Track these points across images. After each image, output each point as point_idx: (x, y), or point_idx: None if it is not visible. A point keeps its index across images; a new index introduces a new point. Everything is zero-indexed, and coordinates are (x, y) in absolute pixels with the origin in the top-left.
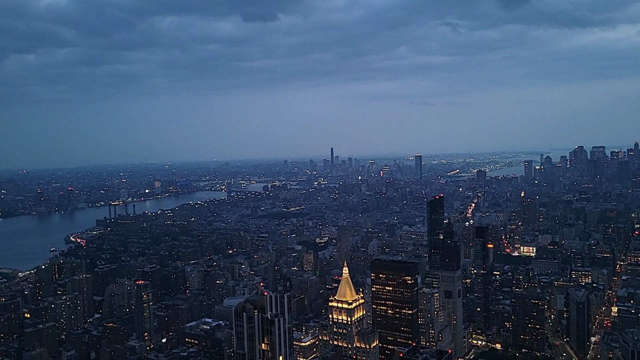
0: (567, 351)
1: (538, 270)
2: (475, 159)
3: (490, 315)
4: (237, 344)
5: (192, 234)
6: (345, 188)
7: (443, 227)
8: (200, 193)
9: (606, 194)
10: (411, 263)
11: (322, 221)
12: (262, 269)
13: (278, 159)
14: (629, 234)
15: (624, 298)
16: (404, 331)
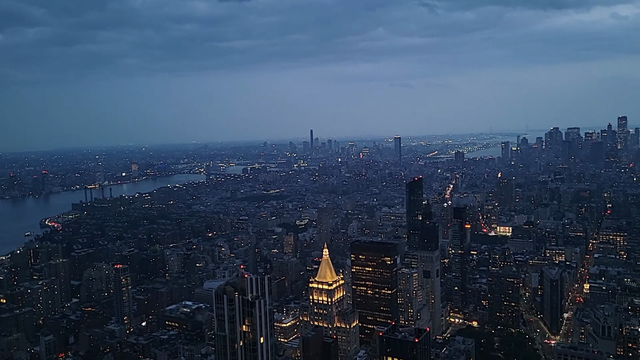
0: (541, 327)
1: (514, 249)
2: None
3: (468, 293)
4: (217, 326)
5: (171, 217)
6: (325, 170)
7: (422, 208)
8: (178, 176)
9: (580, 175)
10: (390, 244)
11: (302, 203)
12: (242, 252)
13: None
14: (602, 213)
15: (595, 275)
16: (383, 311)
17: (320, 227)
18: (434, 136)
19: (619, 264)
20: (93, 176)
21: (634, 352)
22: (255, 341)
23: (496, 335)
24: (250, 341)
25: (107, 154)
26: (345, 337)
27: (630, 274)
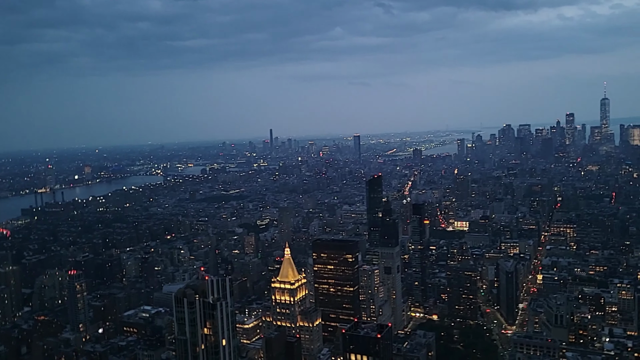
0: (498, 318)
1: (471, 243)
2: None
3: (428, 288)
4: (178, 329)
5: (127, 220)
6: (286, 169)
7: (382, 206)
8: (134, 178)
9: (531, 170)
10: (351, 241)
11: (263, 203)
12: (202, 254)
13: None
14: (552, 206)
15: (548, 266)
16: (346, 308)
17: (281, 227)
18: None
19: (570, 254)
20: (43, 180)
21: (585, 338)
22: (217, 344)
23: (455, 328)
24: (212, 344)
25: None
26: (308, 335)
27: (580, 264)
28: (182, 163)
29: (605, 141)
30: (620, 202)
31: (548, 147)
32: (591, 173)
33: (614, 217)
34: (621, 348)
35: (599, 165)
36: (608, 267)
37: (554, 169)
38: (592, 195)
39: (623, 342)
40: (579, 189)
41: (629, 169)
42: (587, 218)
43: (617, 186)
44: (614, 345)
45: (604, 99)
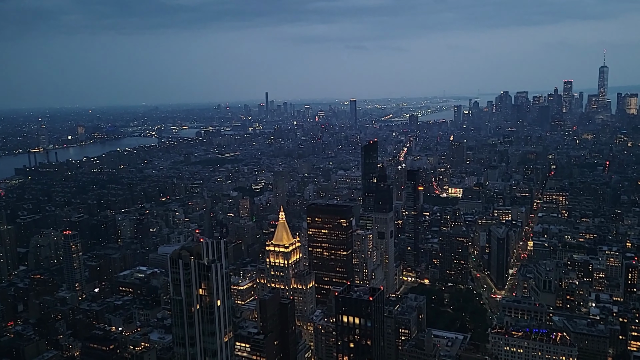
0: (488, 283)
1: (464, 210)
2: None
3: (420, 253)
4: (173, 290)
5: (122, 182)
6: (281, 133)
7: (377, 171)
8: (128, 139)
9: (527, 137)
10: (346, 206)
11: (258, 167)
12: (197, 216)
13: (211, 104)
14: (546, 174)
15: (539, 233)
16: (339, 271)
17: (276, 191)
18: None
19: (561, 222)
20: (37, 139)
21: (571, 303)
22: (212, 304)
23: (446, 292)
24: (207, 304)
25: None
26: (302, 297)
27: (570, 232)
28: (176, 125)
29: (602, 110)
30: (614, 171)
31: (545, 115)
32: (586, 141)
33: (606, 186)
34: (606, 313)
35: (594, 134)
36: (598, 234)
37: (550, 137)
38: (586, 164)
39: (609, 307)
40: (573, 157)
41: (623, 138)
42: (580, 186)
43: (611, 155)
44: (600, 310)
45: (602, 67)
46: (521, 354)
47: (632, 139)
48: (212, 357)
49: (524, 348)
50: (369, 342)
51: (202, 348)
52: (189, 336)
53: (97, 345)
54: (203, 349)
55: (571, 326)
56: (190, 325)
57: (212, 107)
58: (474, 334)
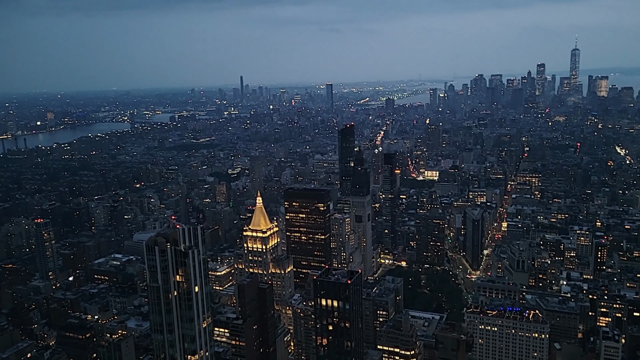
0: (464, 264)
1: (440, 192)
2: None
3: (397, 235)
4: (150, 277)
5: (95, 168)
6: (257, 118)
7: (353, 155)
8: (100, 125)
9: (501, 120)
10: (323, 190)
11: (234, 152)
12: (172, 202)
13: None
14: (519, 156)
15: (513, 214)
16: (317, 255)
17: (253, 176)
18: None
19: (533, 203)
20: (4, 126)
21: (544, 282)
22: (190, 290)
23: (423, 273)
24: (185, 291)
25: (19, 102)
26: (280, 282)
27: (543, 212)
28: (149, 110)
29: (574, 92)
30: (584, 152)
31: (518, 98)
32: (558, 124)
33: (577, 167)
34: (577, 290)
35: (566, 116)
36: (569, 214)
37: (523, 120)
38: (558, 146)
39: (579, 285)
40: (545, 139)
41: (594, 120)
42: (552, 168)
43: (582, 137)
44: (571, 288)
45: (574, 50)
46: (495, 332)
47: (602, 120)
48: (190, 342)
49: (498, 326)
50: (347, 325)
51: (181, 334)
52: (166, 323)
53: (72, 334)
54: (181, 335)
55: (543, 304)
56: (168, 311)
57: (185, 92)
58: (450, 314)
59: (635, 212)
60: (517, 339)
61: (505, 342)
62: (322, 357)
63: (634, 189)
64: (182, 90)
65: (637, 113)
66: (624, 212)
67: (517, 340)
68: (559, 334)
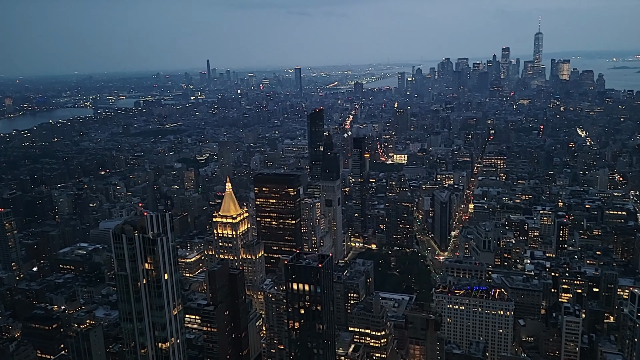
0: (432, 245)
1: (409, 175)
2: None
3: (367, 219)
4: (118, 266)
5: (57, 155)
6: (225, 102)
7: (323, 139)
8: (61, 110)
9: (468, 103)
10: (293, 175)
11: (202, 137)
12: (139, 189)
13: (149, 72)
14: (485, 139)
15: (479, 196)
16: (288, 240)
17: (221, 161)
18: (334, 67)
19: (499, 185)
20: None
21: (509, 261)
22: (159, 278)
23: (392, 256)
24: (154, 278)
25: None
26: (251, 267)
27: (508, 194)
28: (113, 95)
29: (537, 75)
30: (547, 135)
31: (484, 81)
32: (522, 107)
33: (540, 149)
34: (540, 268)
35: (530, 99)
36: (533, 195)
37: (489, 103)
38: (522, 128)
39: (542, 263)
40: (510, 122)
41: (556, 103)
42: (517, 150)
43: (545, 119)
44: (534, 266)
45: (537, 34)
46: (463, 310)
47: (564, 103)
48: (161, 330)
49: (466, 305)
50: (318, 308)
51: (151, 322)
52: (136, 311)
53: (38, 325)
54: (151, 323)
55: (508, 282)
56: (137, 300)
57: (150, 76)
58: (419, 294)
59: (594, 192)
60: (484, 317)
61: (472, 320)
62: (294, 341)
63: (594, 169)
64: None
65: (597, 96)
66: (585, 192)
67: (484, 318)
68: (523, 311)
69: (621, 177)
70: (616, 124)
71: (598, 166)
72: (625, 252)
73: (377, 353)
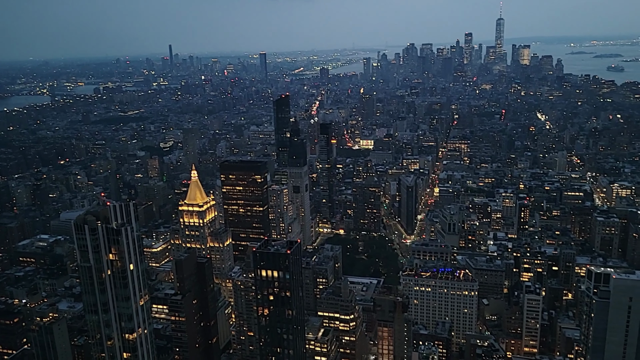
0: (399, 229)
1: (375, 160)
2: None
3: (335, 204)
4: (81, 257)
5: (13, 145)
6: (188, 89)
7: (290, 126)
8: (16, 98)
9: (432, 88)
10: (260, 162)
11: (166, 124)
12: (101, 179)
13: (109, 58)
14: (450, 123)
15: (444, 180)
16: (256, 227)
17: (186, 149)
18: (300, 52)
19: (463, 168)
20: None
21: (473, 242)
22: (125, 269)
23: (360, 240)
24: (119, 269)
25: None
26: (219, 255)
27: (472, 177)
28: (71, 82)
29: (499, 61)
30: (509, 119)
31: (448, 67)
32: (485, 91)
33: (502, 133)
34: (503, 249)
35: (492, 84)
36: (495, 178)
37: (453, 88)
38: (485, 113)
39: (504, 244)
40: (473, 107)
41: (517, 87)
42: (480, 134)
43: (506, 104)
44: (497, 247)
45: (499, 19)
46: (429, 292)
47: (525, 88)
48: (127, 321)
49: (432, 286)
50: (288, 294)
51: (117, 313)
52: (101, 303)
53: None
54: (117, 314)
55: (472, 263)
56: (102, 291)
57: (110, 61)
58: (387, 278)
59: (554, 174)
60: (449, 298)
61: (438, 301)
62: (264, 327)
63: (553, 152)
64: (107, 59)
65: (556, 80)
66: (544, 175)
67: (449, 299)
68: (486, 291)
69: (579, 159)
70: (574, 108)
71: (557, 149)
72: (582, 231)
73: (346, 336)
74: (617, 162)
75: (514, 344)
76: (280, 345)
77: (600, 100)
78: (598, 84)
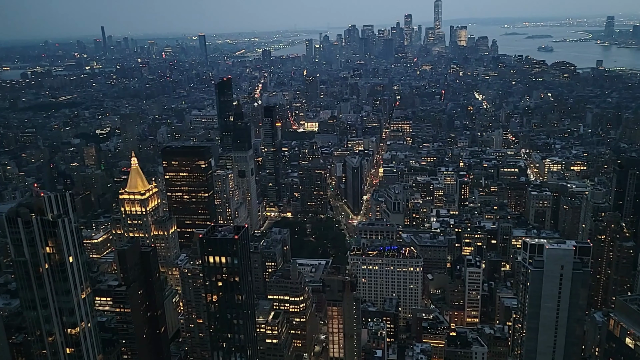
0: (346, 210)
1: (320, 143)
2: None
3: (281, 188)
4: (15, 252)
5: None
6: (124, 72)
7: (233, 109)
8: None
9: (374, 70)
10: (203, 147)
11: (101, 110)
12: (33, 169)
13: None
14: (392, 104)
15: (388, 160)
16: (201, 213)
17: (125, 135)
18: (240, 34)
19: (406, 148)
20: None
21: (417, 220)
22: (63, 262)
23: (308, 222)
24: (57, 262)
25: None
26: (164, 244)
27: (415, 157)
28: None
29: (438, 42)
30: (448, 99)
31: (389, 48)
32: (425, 72)
33: (442, 113)
34: (445, 226)
35: (431, 65)
36: (437, 157)
37: (394, 69)
38: (425, 93)
39: (447, 221)
40: (415, 87)
41: (456, 68)
42: (421, 114)
43: (446, 84)
44: (440, 224)
45: (437, 1)
46: (376, 270)
47: (463, 68)
48: (69, 316)
49: (379, 265)
50: (236, 279)
51: (57, 308)
52: (39, 298)
53: None
54: (57, 308)
55: (417, 240)
56: (40, 286)
57: (38, 44)
58: (335, 258)
59: (491, 152)
60: (396, 275)
61: (385, 278)
62: (214, 313)
63: (490, 130)
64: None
65: (492, 61)
66: (482, 152)
67: (396, 276)
68: (431, 266)
69: (513, 137)
70: (508, 88)
71: (493, 127)
72: (518, 205)
73: (296, 318)
74: (549, 139)
75: (457, 315)
76: (231, 330)
77: (533, 80)
78: (530, 64)
